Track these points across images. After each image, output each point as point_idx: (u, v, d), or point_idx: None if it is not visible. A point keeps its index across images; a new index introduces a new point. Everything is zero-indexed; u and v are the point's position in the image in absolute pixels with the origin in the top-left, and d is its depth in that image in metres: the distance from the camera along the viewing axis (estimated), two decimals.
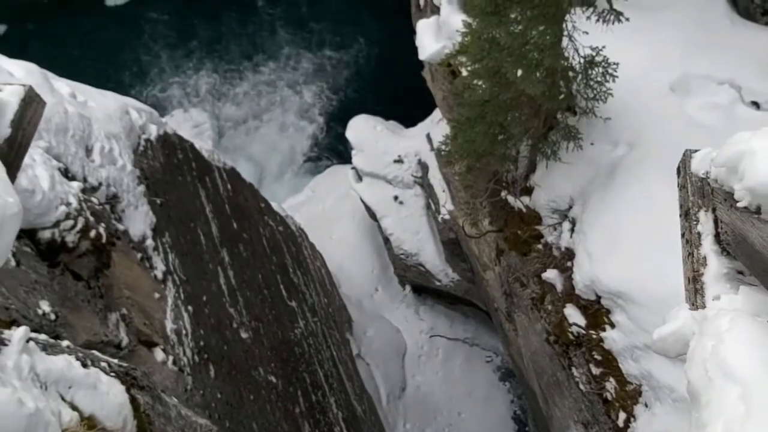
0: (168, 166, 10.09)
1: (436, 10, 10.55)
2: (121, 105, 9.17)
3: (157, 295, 7.83)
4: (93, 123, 8.01)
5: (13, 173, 2.01)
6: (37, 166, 5.79)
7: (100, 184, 7.60)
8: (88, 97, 8.57)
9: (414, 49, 19.76)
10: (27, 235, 5.55)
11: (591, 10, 5.88)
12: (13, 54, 8.70)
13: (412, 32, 17.60)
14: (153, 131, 9.89)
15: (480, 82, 7.24)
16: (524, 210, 8.71)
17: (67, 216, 5.74)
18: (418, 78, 23.59)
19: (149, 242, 8.22)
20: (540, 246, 8.63)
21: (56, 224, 5.65)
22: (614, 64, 6.68)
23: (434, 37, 10.15)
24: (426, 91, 21.63)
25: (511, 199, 8.86)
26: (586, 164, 7.90)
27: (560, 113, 7.87)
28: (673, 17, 8.65)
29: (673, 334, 2.02)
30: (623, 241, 7.10)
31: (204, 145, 13.27)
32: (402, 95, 24.02)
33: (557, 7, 6.08)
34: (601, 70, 6.68)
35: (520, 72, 6.29)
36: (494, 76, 6.96)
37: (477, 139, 7.59)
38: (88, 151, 7.70)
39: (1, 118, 2.01)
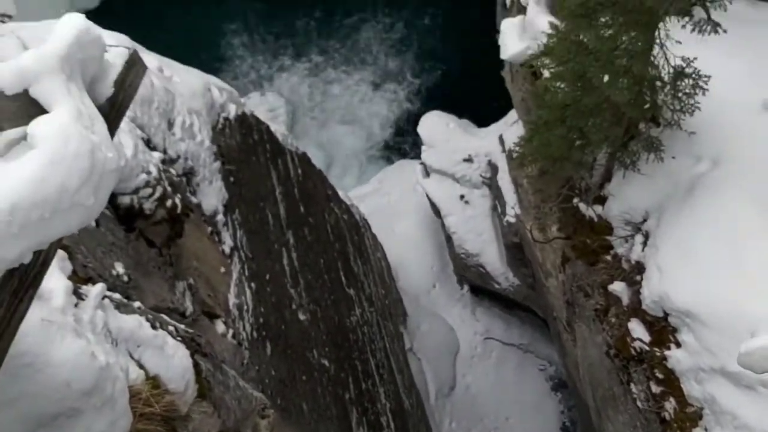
0: (244, 145, 10.32)
1: (522, 10, 10.41)
2: (205, 82, 9.44)
3: (222, 270, 8.03)
4: (177, 98, 8.26)
5: (112, 131, 2.10)
6: (122, 133, 6.03)
7: (179, 156, 7.84)
8: (174, 73, 8.85)
9: (494, 49, 19.49)
10: (109, 200, 5.76)
11: (687, 19, 5.68)
12: (103, 27, 9.05)
13: (494, 32, 17.39)
14: (232, 110, 10.13)
15: (562, 85, 7.11)
16: (595, 219, 8.52)
17: (147, 184, 5.95)
18: (495, 78, 23.34)
19: (220, 217, 8.44)
20: (609, 257, 8.42)
21: (136, 191, 5.86)
22: (705, 76, 6.44)
23: (518, 37, 10.01)
24: (502, 91, 21.37)
25: (582, 206, 8.67)
26: (665, 177, 7.65)
27: (643, 123, 7.65)
28: None
29: (762, 348, 1.92)
30: (697, 260, 6.85)
31: (278, 128, 13.51)
32: (477, 94, 23.85)
33: (651, 15, 5.90)
34: (691, 81, 6.45)
35: (606, 78, 6.14)
36: (578, 79, 6.82)
37: (554, 143, 7.46)
38: (170, 124, 7.95)
39: (105, 78, 2.10)
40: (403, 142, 25.97)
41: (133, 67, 2.17)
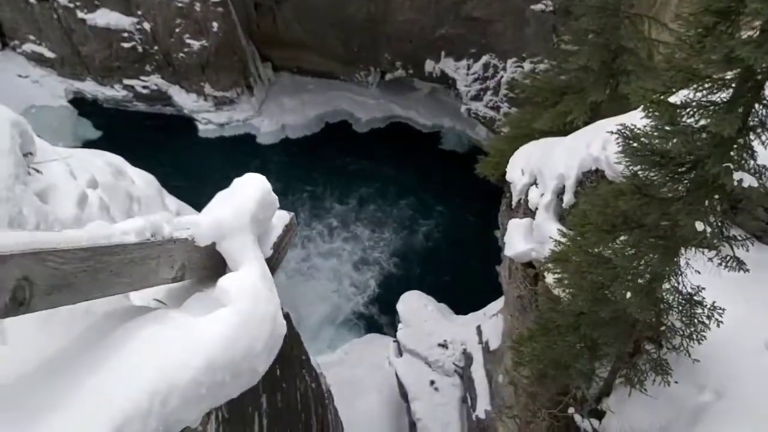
0: None
1: (529, 212, 10.86)
2: None
3: (200, 429, 7.52)
4: None
5: None
6: None
7: None
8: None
9: (486, 243, 19.90)
10: None
11: (714, 253, 5.93)
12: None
13: (494, 228, 17.95)
14: None
15: (578, 293, 7.22)
16: None
17: None
18: (479, 269, 23.85)
19: None
20: None
21: None
22: (720, 308, 6.60)
23: (524, 238, 10.35)
24: (483, 283, 21.72)
25: (578, 418, 8.47)
26: (667, 402, 7.57)
27: (647, 343, 7.71)
28: None
29: None
30: None
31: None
32: (460, 281, 24.21)
33: (678, 242, 6.16)
34: (706, 311, 6.60)
35: (629, 295, 6.26)
36: (596, 291, 6.95)
37: (562, 348, 7.44)
38: None
39: (267, 239, 2.06)
40: (377, 317, 25.79)
41: (290, 230, 2.15)
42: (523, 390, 10.94)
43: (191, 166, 30.66)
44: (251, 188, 2.13)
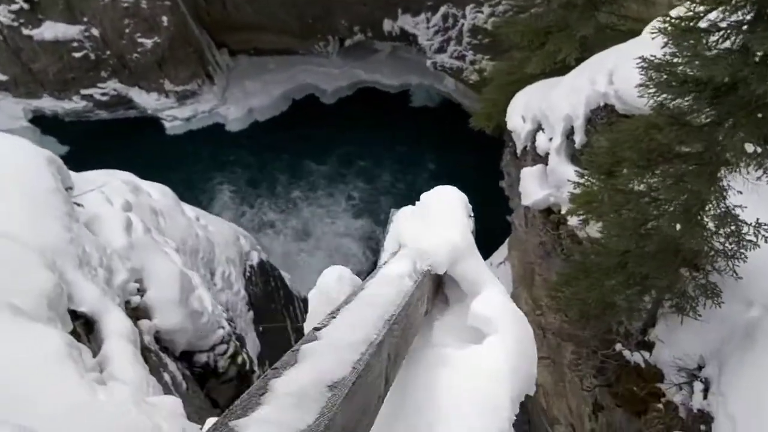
0: (265, 292, 9.99)
1: (538, 159, 10.79)
2: (234, 231, 9.24)
3: None
4: (216, 247, 8.02)
5: None
6: (198, 286, 5.71)
7: (222, 307, 7.48)
8: (208, 222, 8.66)
9: (479, 194, 19.43)
10: (186, 358, 5.35)
11: (761, 171, 5.91)
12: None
13: (498, 177, 17.83)
14: (255, 257, 9.89)
15: (619, 232, 7.20)
16: (643, 365, 8.38)
17: (222, 340, 5.56)
18: (476, 220, 23.81)
19: (257, 372, 7.95)
20: (660, 405, 8.21)
21: (212, 348, 5.46)
22: (766, 224, 6.63)
23: (539, 185, 10.30)
24: (483, 234, 21.70)
25: (626, 353, 8.55)
26: (717, 323, 7.65)
27: (691, 270, 7.75)
28: None
29: None
30: None
31: (285, 273, 13.24)
32: None
33: (718, 165, 6.14)
34: (752, 229, 6.62)
35: (678, 226, 6.25)
36: (638, 227, 6.94)
37: (608, 288, 7.45)
38: (212, 274, 7.65)
39: None
40: None
41: (473, 235, 2.03)
42: (554, 333, 11.01)
43: (165, 165, 30.06)
44: (455, 201, 2.00)
